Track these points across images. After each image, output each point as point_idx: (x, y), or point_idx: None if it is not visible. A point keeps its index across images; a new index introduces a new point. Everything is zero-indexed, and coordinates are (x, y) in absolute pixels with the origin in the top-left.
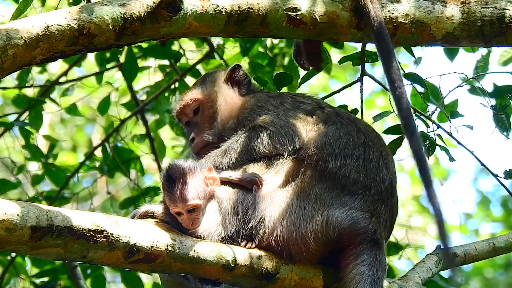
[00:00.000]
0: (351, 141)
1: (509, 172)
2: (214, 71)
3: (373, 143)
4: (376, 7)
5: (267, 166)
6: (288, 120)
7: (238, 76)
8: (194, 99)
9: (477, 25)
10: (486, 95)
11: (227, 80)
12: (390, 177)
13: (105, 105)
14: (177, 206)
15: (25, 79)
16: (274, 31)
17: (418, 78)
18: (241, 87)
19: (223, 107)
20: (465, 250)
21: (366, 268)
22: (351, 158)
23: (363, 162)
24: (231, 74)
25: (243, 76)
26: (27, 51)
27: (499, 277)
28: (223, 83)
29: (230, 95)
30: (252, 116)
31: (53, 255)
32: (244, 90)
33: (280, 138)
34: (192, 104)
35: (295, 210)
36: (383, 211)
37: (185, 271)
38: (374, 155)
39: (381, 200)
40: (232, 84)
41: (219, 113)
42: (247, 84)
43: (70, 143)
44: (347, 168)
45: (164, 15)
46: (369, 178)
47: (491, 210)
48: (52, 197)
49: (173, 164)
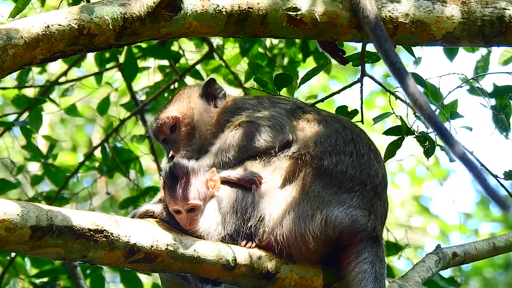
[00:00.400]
0: (340, 138)
1: (509, 173)
2: (189, 87)
3: (361, 139)
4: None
5: (264, 164)
6: (272, 114)
7: (213, 90)
8: (171, 117)
9: (477, 25)
10: (485, 95)
11: (202, 95)
12: (382, 171)
13: (105, 105)
14: (177, 204)
15: (24, 79)
16: (274, 31)
17: (418, 78)
18: (216, 101)
19: (200, 123)
20: (465, 249)
21: (368, 266)
22: (345, 155)
23: (356, 158)
24: (205, 88)
25: (217, 90)
26: (27, 51)
27: (499, 277)
28: (198, 98)
29: (206, 110)
30: (233, 117)
31: (53, 255)
32: (220, 102)
33: (268, 130)
34: (168, 122)
35: (294, 208)
36: (379, 206)
37: (185, 271)
38: (365, 150)
39: (376, 195)
40: (208, 98)
41: (196, 129)
42: (222, 97)
43: (70, 143)
44: (343, 164)
45: (164, 15)
46: (364, 173)
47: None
48: (52, 197)
49: (177, 163)
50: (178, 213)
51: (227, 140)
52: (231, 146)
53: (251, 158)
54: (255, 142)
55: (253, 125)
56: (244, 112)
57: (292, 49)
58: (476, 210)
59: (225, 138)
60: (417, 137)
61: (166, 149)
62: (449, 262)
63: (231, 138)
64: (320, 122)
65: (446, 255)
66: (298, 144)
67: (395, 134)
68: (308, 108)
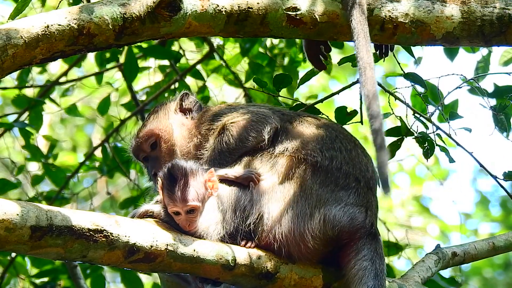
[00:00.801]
0: (326, 136)
1: (508, 174)
2: (164, 103)
3: (344, 135)
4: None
5: (260, 162)
6: (252, 110)
7: (188, 104)
8: (151, 134)
9: (477, 25)
10: (485, 95)
11: (178, 110)
12: (371, 164)
13: (105, 105)
14: (176, 206)
15: (25, 79)
16: (274, 31)
17: (418, 78)
18: (192, 113)
19: (179, 137)
20: (464, 249)
21: (368, 262)
22: (335, 150)
23: (346, 153)
24: (181, 103)
25: (193, 103)
26: (27, 51)
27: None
28: (175, 113)
29: (184, 123)
30: (214, 124)
31: (53, 254)
32: (196, 114)
33: (253, 124)
34: (149, 139)
35: (292, 207)
36: (373, 202)
37: (185, 271)
38: (351, 145)
39: (369, 190)
40: (184, 112)
41: (177, 144)
42: (198, 109)
43: (70, 143)
44: (337, 160)
45: (164, 15)
46: (357, 169)
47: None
48: (52, 197)
49: (175, 164)
50: (177, 214)
51: (215, 148)
52: (222, 152)
53: (247, 156)
54: (243, 141)
55: (237, 125)
56: (223, 116)
57: (292, 49)
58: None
59: (212, 147)
60: (416, 138)
61: (148, 167)
62: (449, 262)
63: (218, 144)
64: (302, 122)
65: (446, 255)
66: (290, 142)
67: (394, 135)
68: (285, 111)
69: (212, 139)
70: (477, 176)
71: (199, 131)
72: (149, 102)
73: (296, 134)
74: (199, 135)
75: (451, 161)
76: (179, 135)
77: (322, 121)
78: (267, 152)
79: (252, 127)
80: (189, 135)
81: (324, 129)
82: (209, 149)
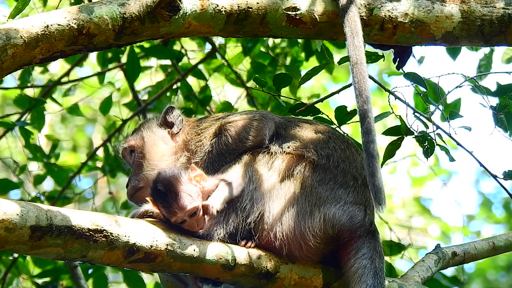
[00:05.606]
0: (319, 137)
1: (508, 173)
2: (152, 117)
3: (335, 135)
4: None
5: (260, 161)
6: (246, 111)
7: (171, 118)
8: (129, 145)
9: (477, 25)
10: (486, 94)
11: (161, 124)
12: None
13: (107, 105)
14: (177, 216)
15: (27, 79)
16: (274, 31)
17: (418, 78)
18: (174, 127)
19: (153, 152)
20: (464, 249)
21: (368, 261)
22: (330, 150)
23: (341, 152)
24: (165, 116)
25: (176, 117)
26: (26, 50)
27: (501, 279)
28: (156, 128)
29: (164, 138)
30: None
31: (52, 254)
32: (177, 128)
33: (253, 125)
34: (128, 148)
35: (292, 205)
36: (370, 200)
37: (184, 271)
38: (344, 145)
39: (367, 188)
40: (167, 126)
41: (148, 158)
42: (180, 123)
43: (70, 144)
44: (334, 158)
45: (163, 15)
46: (353, 167)
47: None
48: (54, 197)
49: (159, 178)
50: (182, 222)
51: (213, 149)
52: (221, 153)
53: (246, 154)
54: (243, 141)
55: (235, 125)
56: (216, 121)
57: (294, 49)
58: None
59: (210, 149)
60: (416, 137)
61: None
62: (449, 262)
63: (217, 146)
64: (294, 124)
65: (446, 255)
66: (288, 142)
67: (394, 134)
68: (276, 117)
69: (208, 142)
70: (480, 178)
71: (184, 143)
72: (151, 102)
73: (292, 135)
74: (184, 145)
75: (451, 160)
76: (152, 150)
77: (314, 124)
78: (266, 151)
79: (251, 126)
80: (169, 149)
81: (316, 131)
82: (206, 152)
